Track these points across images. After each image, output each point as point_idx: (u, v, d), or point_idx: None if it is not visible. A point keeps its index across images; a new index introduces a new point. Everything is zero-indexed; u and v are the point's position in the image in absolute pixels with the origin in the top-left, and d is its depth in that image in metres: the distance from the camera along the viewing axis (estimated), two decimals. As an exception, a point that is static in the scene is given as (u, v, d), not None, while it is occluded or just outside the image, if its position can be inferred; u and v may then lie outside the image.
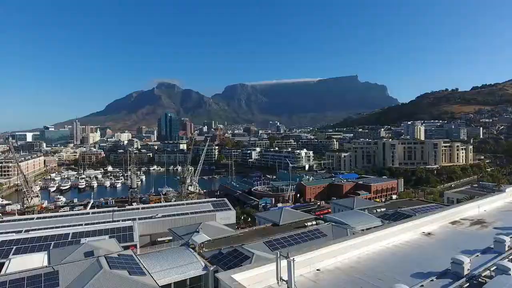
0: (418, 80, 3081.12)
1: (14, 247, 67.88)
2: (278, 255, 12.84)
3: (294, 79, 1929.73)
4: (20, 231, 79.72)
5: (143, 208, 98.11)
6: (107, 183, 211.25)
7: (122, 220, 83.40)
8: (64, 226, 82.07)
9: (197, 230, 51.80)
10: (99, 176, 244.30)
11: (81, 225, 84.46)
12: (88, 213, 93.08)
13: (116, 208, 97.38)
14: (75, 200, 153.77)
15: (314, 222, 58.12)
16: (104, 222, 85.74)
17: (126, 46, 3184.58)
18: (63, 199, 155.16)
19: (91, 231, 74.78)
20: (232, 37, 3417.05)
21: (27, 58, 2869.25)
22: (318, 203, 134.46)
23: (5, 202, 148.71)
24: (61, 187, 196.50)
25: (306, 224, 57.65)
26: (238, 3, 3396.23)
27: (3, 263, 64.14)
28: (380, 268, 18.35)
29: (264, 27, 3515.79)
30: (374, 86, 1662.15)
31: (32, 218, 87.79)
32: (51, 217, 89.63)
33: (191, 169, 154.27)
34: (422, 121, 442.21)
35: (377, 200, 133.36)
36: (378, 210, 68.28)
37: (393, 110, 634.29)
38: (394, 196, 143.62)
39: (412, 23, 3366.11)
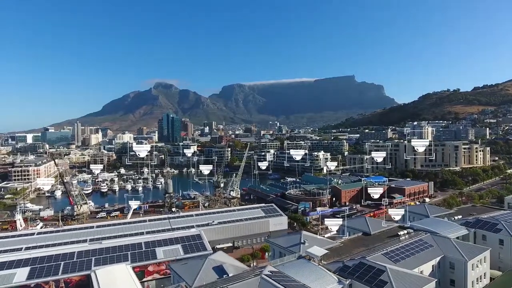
0: (415, 80, 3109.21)
1: (93, 258, 67.72)
2: None
3: (291, 79, 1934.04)
4: (85, 241, 79.23)
5: (197, 214, 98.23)
6: (128, 187, 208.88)
7: (187, 228, 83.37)
8: (127, 235, 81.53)
9: (303, 241, 51.92)
10: (116, 179, 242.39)
11: (143, 233, 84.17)
12: (145, 221, 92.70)
13: (171, 216, 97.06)
14: (106, 205, 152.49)
15: (405, 231, 58.65)
16: (164, 231, 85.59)
17: (123, 46, 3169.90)
18: (92, 203, 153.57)
19: (162, 240, 74.85)
20: (229, 38, 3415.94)
21: (24, 58, 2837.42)
22: (354, 207, 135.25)
23: (36, 207, 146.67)
24: (83, 191, 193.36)
25: (398, 233, 58.18)
26: (237, 4, 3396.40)
27: (88, 275, 64.09)
28: None
29: (262, 28, 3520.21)
30: (371, 86, 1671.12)
31: (92, 227, 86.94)
32: (109, 225, 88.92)
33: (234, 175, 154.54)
34: (427, 122, 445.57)
35: (411, 203, 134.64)
36: (455, 217, 69.06)
37: (395, 110, 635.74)
38: (427, 199, 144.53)
39: (411, 23, 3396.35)
